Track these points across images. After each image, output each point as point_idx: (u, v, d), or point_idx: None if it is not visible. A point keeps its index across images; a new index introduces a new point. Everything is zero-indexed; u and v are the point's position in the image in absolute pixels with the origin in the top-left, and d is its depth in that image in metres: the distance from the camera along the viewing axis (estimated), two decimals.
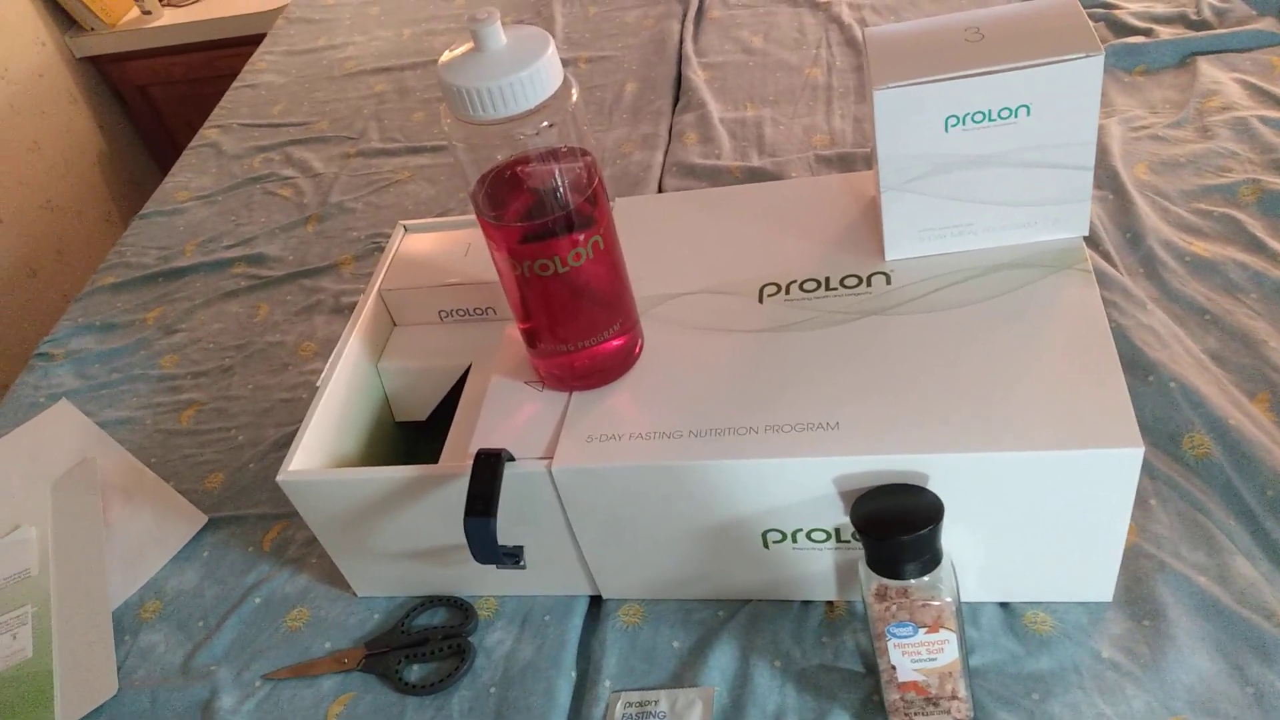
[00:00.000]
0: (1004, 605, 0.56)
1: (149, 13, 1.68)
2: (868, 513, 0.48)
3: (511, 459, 0.53)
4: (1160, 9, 0.97)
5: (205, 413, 0.81)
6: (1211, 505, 0.57)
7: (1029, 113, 0.52)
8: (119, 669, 0.64)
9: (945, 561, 0.48)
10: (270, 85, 1.26)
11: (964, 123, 0.52)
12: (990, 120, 0.52)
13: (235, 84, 1.28)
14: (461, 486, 0.53)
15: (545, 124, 0.46)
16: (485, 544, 0.50)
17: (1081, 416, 0.48)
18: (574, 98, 0.47)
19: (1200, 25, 0.93)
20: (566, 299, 0.53)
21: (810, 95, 0.99)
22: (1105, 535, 0.51)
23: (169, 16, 1.68)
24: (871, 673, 0.54)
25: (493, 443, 0.55)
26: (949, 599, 0.48)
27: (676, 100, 1.06)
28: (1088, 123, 0.52)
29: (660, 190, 0.93)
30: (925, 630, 0.48)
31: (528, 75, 0.44)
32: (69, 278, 1.61)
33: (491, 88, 0.44)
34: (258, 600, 0.66)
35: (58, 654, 0.64)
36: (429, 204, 0.98)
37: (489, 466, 0.52)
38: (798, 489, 0.51)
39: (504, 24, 0.46)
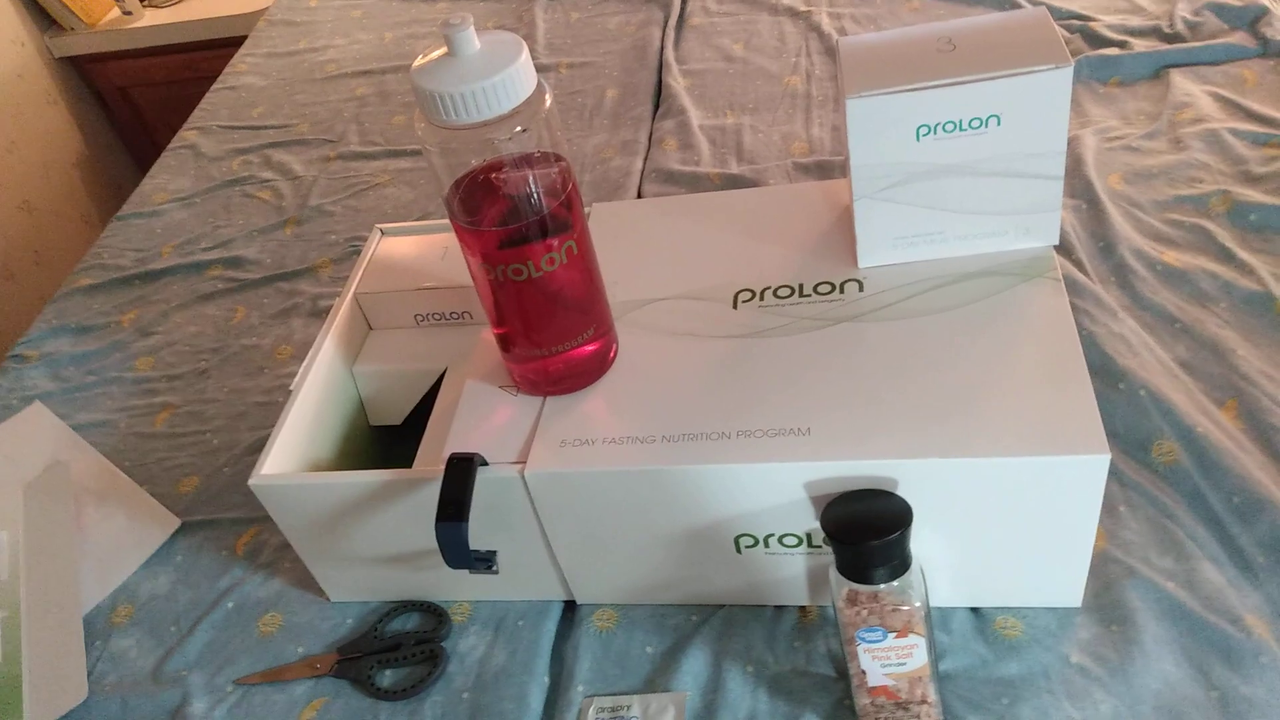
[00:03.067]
0: (974, 610, 0.56)
1: (129, 13, 1.67)
2: (838, 518, 0.48)
3: (484, 463, 0.53)
4: (1135, 22, 0.98)
5: (180, 416, 0.81)
6: (1180, 512, 0.58)
7: (999, 123, 0.52)
8: (90, 674, 0.63)
9: (915, 567, 0.49)
10: (250, 87, 1.25)
11: (935, 132, 0.53)
12: (961, 130, 0.52)
13: (215, 86, 1.27)
14: (434, 491, 0.53)
15: (519, 129, 0.46)
16: (457, 549, 0.50)
17: (1049, 423, 0.48)
18: (547, 102, 0.47)
19: (1174, 38, 0.94)
20: (540, 304, 0.53)
21: (790, 103, 1.00)
22: (1074, 541, 0.51)
23: (150, 17, 1.67)
24: (843, 677, 0.55)
25: (467, 447, 0.55)
26: (918, 604, 0.48)
27: (657, 107, 1.06)
28: (1057, 133, 0.53)
29: (639, 196, 0.93)
30: (895, 635, 0.48)
31: (500, 80, 0.44)
32: (46, 280, 1.60)
33: (464, 92, 0.44)
34: (230, 605, 0.65)
35: (27, 660, 0.64)
36: (408, 208, 0.98)
37: (461, 471, 0.52)
38: (769, 494, 0.51)
39: (478, 29, 0.46)
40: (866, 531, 0.47)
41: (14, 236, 1.57)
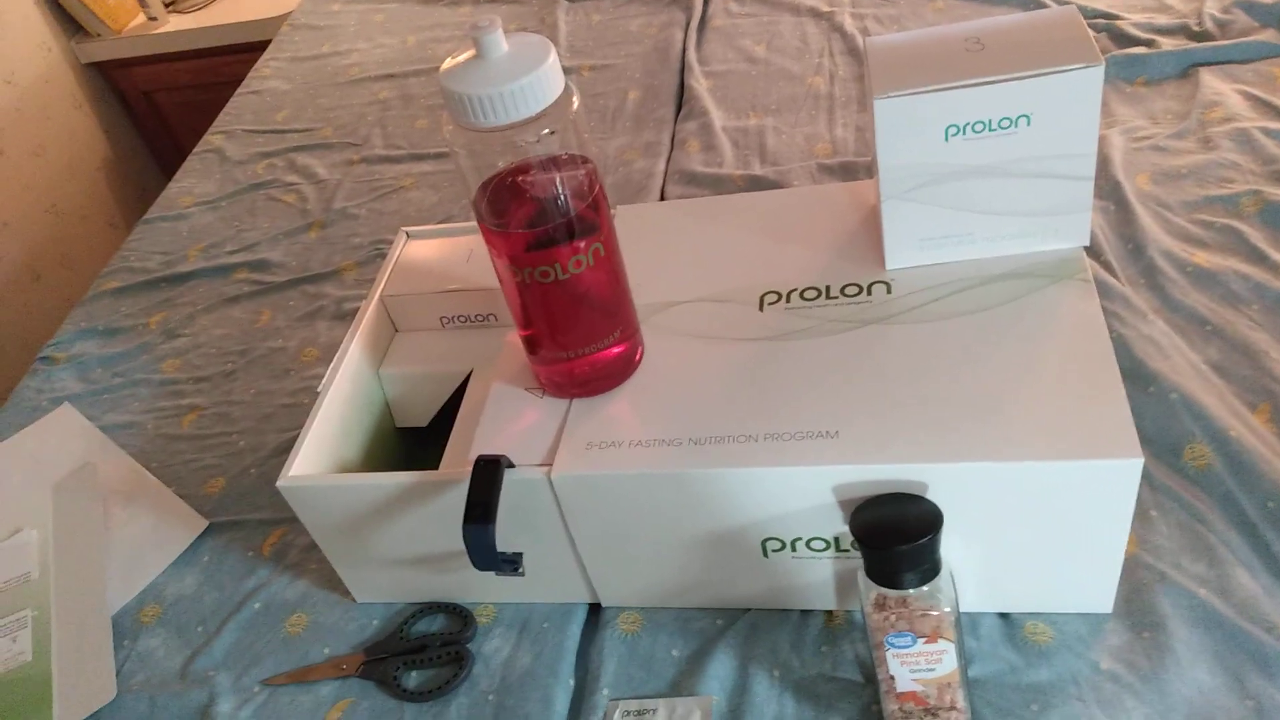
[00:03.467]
0: (1003, 616, 0.55)
1: (155, 19, 1.69)
2: (866, 522, 0.48)
3: (511, 465, 0.53)
4: (1162, 20, 0.97)
5: (207, 418, 0.81)
6: (1212, 517, 0.57)
7: (1029, 123, 0.52)
8: (118, 673, 0.64)
9: (944, 571, 0.48)
10: (275, 91, 1.26)
11: (964, 132, 0.52)
12: (990, 130, 0.52)
13: (240, 90, 1.28)
14: (461, 493, 0.53)
15: (546, 131, 0.46)
16: (484, 551, 0.50)
17: (1081, 427, 0.48)
18: (575, 105, 0.47)
19: (1202, 36, 0.93)
20: (567, 306, 0.53)
21: (813, 104, 0.99)
22: (1105, 546, 0.51)
23: (174, 23, 1.69)
24: (870, 682, 0.54)
25: (493, 449, 0.55)
26: (948, 609, 0.48)
27: (679, 108, 1.06)
28: (1088, 133, 0.52)
29: (662, 198, 0.93)
30: (924, 640, 0.48)
31: (529, 82, 0.44)
32: (73, 282, 1.62)
33: (493, 95, 0.44)
34: (257, 605, 0.66)
35: (57, 658, 0.64)
36: (432, 211, 0.98)
37: (488, 473, 0.52)
38: (797, 498, 0.51)
39: (506, 32, 0.46)
40: (896, 536, 0.47)
41: (42, 239, 1.58)
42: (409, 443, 0.70)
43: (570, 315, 0.53)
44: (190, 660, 0.64)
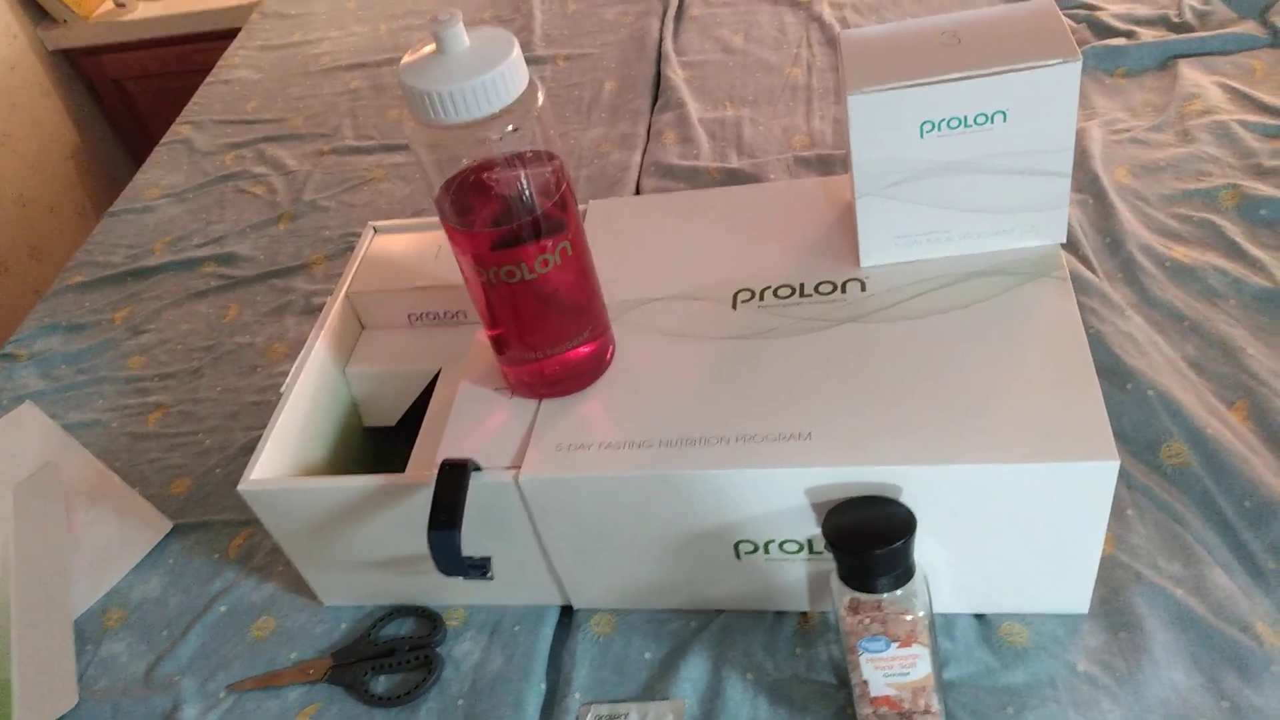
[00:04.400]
0: (979, 616, 0.55)
1: (123, 5, 1.66)
2: (840, 525, 0.47)
3: (478, 469, 0.52)
4: (1142, 11, 0.96)
5: (172, 415, 0.79)
6: (1189, 516, 0.57)
7: (1005, 119, 0.51)
8: (80, 679, 0.62)
9: (918, 575, 0.47)
10: (244, 81, 1.24)
11: (940, 128, 0.51)
12: (966, 126, 0.51)
13: (209, 79, 1.26)
14: (428, 496, 0.52)
15: (510, 128, 0.44)
16: (449, 556, 0.49)
17: (1056, 428, 0.47)
18: (540, 100, 0.46)
19: (1182, 28, 0.93)
20: (534, 306, 0.51)
21: (790, 95, 0.98)
22: (1081, 547, 0.50)
23: (143, 9, 1.65)
24: (845, 685, 0.54)
25: (460, 451, 0.54)
26: (922, 613, 0.47)
27: (655, 99, 1.04)
28: (1065, 129, 0.51)
29: (638, 191, 0.92)
30: (898, 645, 0.47)
31: (491, 78, 0.43)
32: (42, 274, 1.59)
33: (453, 91, 0.42)
34: (223, 609, 0.64)
35: (17, 664, 0.63)
36: (403, 203, 0.96)
37: (454, 477, 0.50)
38: (770, 500, 0.50)
39: (471, 24, 0.44)
40: (869, 540, 0.46)
41: (9, 230, 1.55)
42: (377, 442, 0.69)
43: (538, 315, 0.52)
44: (155, 665, 0.62)
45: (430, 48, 0.44)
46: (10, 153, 1.57)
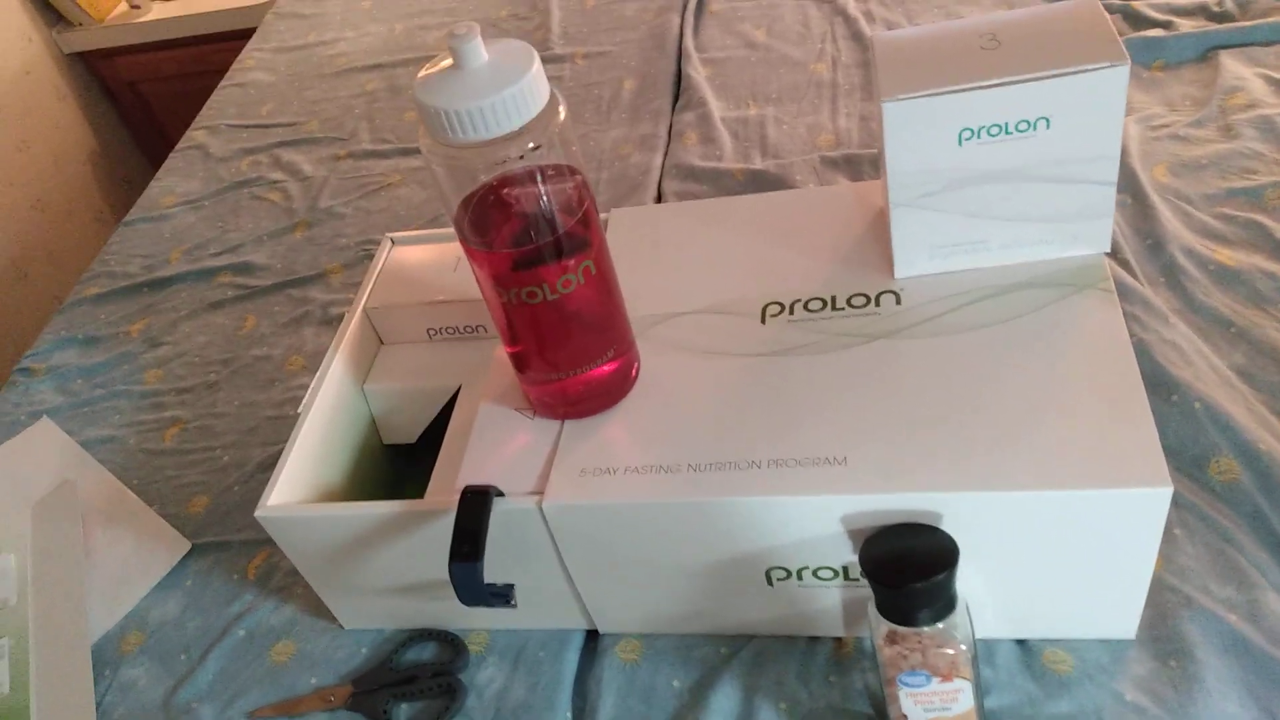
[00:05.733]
0: (1020, 642, 0.53)
1: (137, 7, 1.65)
2: (878, 556, 0.45)
3: (500, 494, 0.51)
4: (1180, 0, 0.93)
5: (189, 431, 0.78)
6: (1240, 536, 0.54)
7: (1048, 125, 0.48)
8: (98, 706, 0.61)
9: (960, 605, 0.45)
10: (259, 84, 1.22)
11: (979, 136, 0.49)
12: (1007, 133, 0.49)
13: (223, 83, 1.25)
14: (448, 522, 0.50)
15: (531, 145, 0.42)
16: (472, 587, 0.48)
17: (1105, 452, 0.45)
18: (561, 115, 0.44)
19: (1222, 17, 0.89)
20: (557, 325, 0.50)
21: (815, 92, 0.96)
22: (1130, 574, 0.48)
23: (158, 11, 1.64)
24: (881, 715, 0.52)
25: (481, 476, 0.52)
26: (964, 646, 0.45)
27: (676, 98, 1.02)
28: (1111, 136, 0.49)
29: (659, 194, 0.89)
30: (939, 679, 0.45)
31: (510, 95, 0.41)
32: (60, 280, 1.59)
33: (472, 109, 0.41)
34: (241, 633, 0.63)
35: (35, 690, 0.62)
36: (420, 209, 0.95)
37: (476, 505, 0.49)
38: (804, 527, 0.48)
39: (486, 28, 0.42)
40: (909, 572, 0.44)
41: (28, 236, 1.55)
42: (397, 459, 0.67)
43: (560, 335, 0.50)
44: (173, 691, 0.61)
45: (447, 62, 0.42)
46: (28, 158, 1.57)
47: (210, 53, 1.61)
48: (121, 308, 0.93)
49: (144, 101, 1.73)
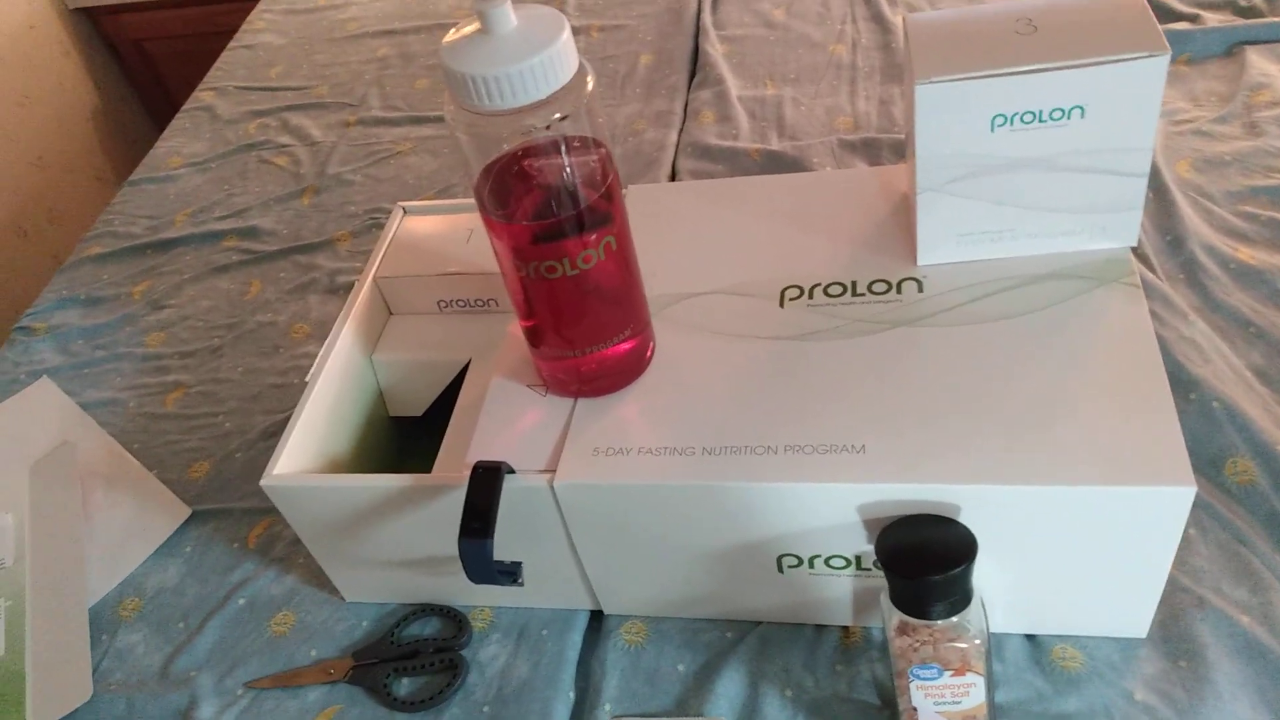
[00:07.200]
0: (1029, 637, 0.52)
1: None
2: (894, 546, 0.45)
3: (511, 471, 0.50)
4: None
5: (192, 396, 0.77)
6: (1255, 537, 0.54)
7: (1083, 114, 0.47)
8: (95, 671, 0.61)
9: (975, 599, 0.45)
10: (268, 46, 1.20)
11: (1012, 122, 0.48)
12: (1040, 121, 0.48)
13: (232, 44, 1.23)
14: (457, 497, 0.50)
15: (558, 116, 0.41)
16: (481, 565, 0.47)
17: (1128, 448, 0.44)
18: (589, 86, 0.43)
19: (1250, 12, 0.88)
20: (574, 301, 0.49)
21: (834, 74, 0.94)
22: (1146, 573, 0.47)
23: None
24: (888, 705, 0.51)
25: (492, 452, 0.51)
26: (978, 640, 0.44)
27: (693, 75, 1.01)
28: (1146, 127, 0.48)
29: (674, 172, 0.88)
30: (951, 673, 0.45)
31: (539, 62, 0.40)
32: (60, 238, 1.57)
33: (499, 75, 0.39)
34: (241, 601, 0.63)
35: (31, 654, 0.61)
36: (431, 178, 0.93)
37: (487, 482, 0.48)
38: (818, 515, 0.47)
39: (515, 3, 0.41)
40: (926, 564, 0.43)
41: (28, 193, 1.53)
42: (403, 432, 0.67)
43: (577, 311, 0.49)
44: (171, 659, 0.61)
45: (474, 27, 0.41)
46: (29, 114, 1.55)
47: (219, 13, 1.59)
48: (124, 269, 0.91)
49: (150, 60, 1.70)
